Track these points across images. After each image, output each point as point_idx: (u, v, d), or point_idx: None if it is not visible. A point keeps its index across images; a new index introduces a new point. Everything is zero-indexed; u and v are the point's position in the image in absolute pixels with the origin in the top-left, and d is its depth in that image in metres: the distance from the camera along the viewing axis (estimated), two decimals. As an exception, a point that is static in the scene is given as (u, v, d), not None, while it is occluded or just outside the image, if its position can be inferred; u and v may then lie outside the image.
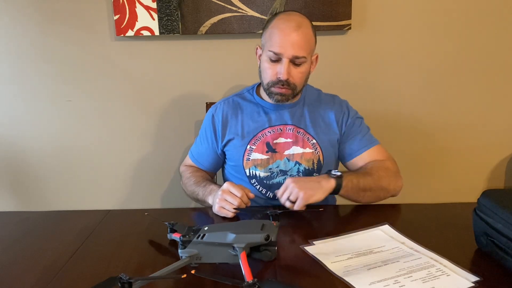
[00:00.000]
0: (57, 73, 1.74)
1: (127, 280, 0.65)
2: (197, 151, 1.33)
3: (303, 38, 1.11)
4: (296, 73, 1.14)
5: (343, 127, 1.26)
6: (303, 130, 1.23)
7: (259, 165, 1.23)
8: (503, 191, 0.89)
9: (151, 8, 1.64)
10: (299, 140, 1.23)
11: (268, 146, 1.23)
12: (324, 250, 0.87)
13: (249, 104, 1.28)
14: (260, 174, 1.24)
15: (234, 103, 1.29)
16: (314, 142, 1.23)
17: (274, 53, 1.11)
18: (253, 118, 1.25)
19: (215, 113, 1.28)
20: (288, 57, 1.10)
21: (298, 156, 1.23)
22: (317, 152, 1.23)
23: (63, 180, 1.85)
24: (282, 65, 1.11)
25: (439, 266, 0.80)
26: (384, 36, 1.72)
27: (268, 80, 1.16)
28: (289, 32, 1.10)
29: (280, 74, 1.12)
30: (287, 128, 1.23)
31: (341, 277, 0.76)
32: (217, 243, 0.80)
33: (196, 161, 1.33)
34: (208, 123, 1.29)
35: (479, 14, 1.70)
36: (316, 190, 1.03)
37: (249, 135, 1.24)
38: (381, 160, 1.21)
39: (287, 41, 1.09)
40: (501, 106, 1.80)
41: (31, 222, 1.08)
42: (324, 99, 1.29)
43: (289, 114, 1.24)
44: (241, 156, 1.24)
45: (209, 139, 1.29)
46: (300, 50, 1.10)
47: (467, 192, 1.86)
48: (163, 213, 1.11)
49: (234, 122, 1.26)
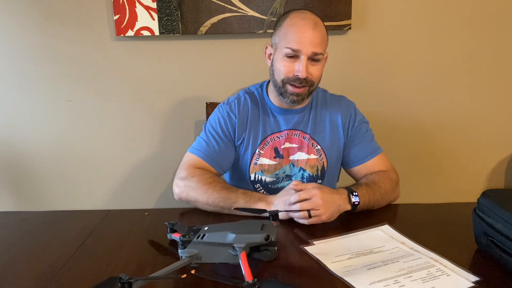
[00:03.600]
0: (57, 73, 1.74)
1: (127, 280, 0.65)
2: (211, 151, 1.19)
3: (320, 35, 1.10)
4: (314, 71, 1.12)
5: (349, 131, 1.23)
6: (309, 136, 1.22)
7: (266, 170, 1.21)
8: (503, 191, 0.89)
9: (151, 8, 1.64)
10: (304, 146, 1.21)
11: (276, 152, 1.21)
12: (324, 250, 0.87)
13: (260, 105, 1.24)
14: (266, 179, 1.22)
15: (245, 102, 1.23)
16: (319, 148, 1.22)
17: (292, 49, 1.09)
18: (263, 121, 1.22)
19: (230, 111, 1.22)
20: (307, 54, 1.08)
21: (302, 162, 1.22)
22: (321, 159, 1.22)
23: (63, 180, 1.84)
24: (301, 63, 1.09)
25: (439, 266, 0.80)
26: (384, 36, 1.72)
27: (284, 76, 1.12)
28: (307, 29, 1.08)
29: (299, 72, 1.09)
30: (294, 133, 1.22)
31: (341, 277, 0.76)
32: (217, 243, 0.80)
33: (214, 162, 1.18)
34: (224, 120, 1.21)
35: (480, 14, 1.70)
36: (334, 215, 1.01)
37: (258, 139, 1.21)
38: (385, 171, 1.20)
39: (306, 38, 1.08)
40: (501, 106, 1.80)
41: (31, 222, 1.08)
42: (331, 101, 1.26)
43: (297, 118, 1.22)
44: (248, 160, 1.21)
45: (228, 137, 1.21)
46: (318, 47, 1.09)
47: (467, 192, 1.86)
48: (163, 213, 1.11)
49: (245, 124, 1.21)
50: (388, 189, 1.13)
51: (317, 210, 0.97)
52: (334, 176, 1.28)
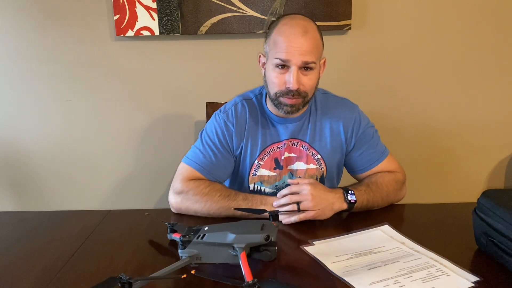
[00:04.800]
0: (57, 73, 1.74)
1: (127, 280, 0.65)
2: (208, 163, 1.14)
3: (311, 43, 1.03)
4: (307, 81, 1.05)
5: (354, 138, 1.19)
6: (308, 145, 1.17)
7: (266, 181, 1.19)
8: (503, 191, 0.89)
9: (151, 8, 1.64)
10: (303, 155, 1.17)
11: (276, 163, 1.17)
12: (324, 250, 0.87)
13: (258, 113, 1.18)
14: (266, 190, 1.20)
15: (243, 110, 1.17)
16: (318, 158, 1.18)
17: (281, 60, 1.03)
18: (262, 130, 1.17)
19: (228, 120, 1.16)
20: (296, 64, 1.02)
21: (301, 172, 1.18)
22: (321, 168, 1.19)
23: (63, 180, 1.85)
24: (291, 74, 1.03)
25: (439, 266, 0.80)
26: (384, 36, 1.72)
27: (276, 90, 1.07)
28: (295, 38, 1.02)
29: (289, 84, 1.03)
30: (293, 142, 1.17)
31: (341, 277, 0.76)
32: (217, 243, 0.80)
33: (210, 174, 1.13)
34: (222, 130, 1.16)
35: (480, 14, 1.70)
36: (326, 212, 1.01)
37: (257, 149, 1.16)
38: (392, 172, 1.18)
39: (294, 48, 1.01)
40: (502, 106, 1.80)
41: (31, 222, 1.08)
42: (332, 106, 1.20)
43: (296, 127, 1.16)
44: (246, 170, 1.18)
45: (226, 147, 1.16)
46: (309, 56, 1.02)
47: (467, 192, 1.86)
48: (163, 213, 1.11)
49: (243, 132, 1.16)
50: (391, 190, 1.12)
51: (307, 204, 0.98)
52: (333, 181, 1.25)
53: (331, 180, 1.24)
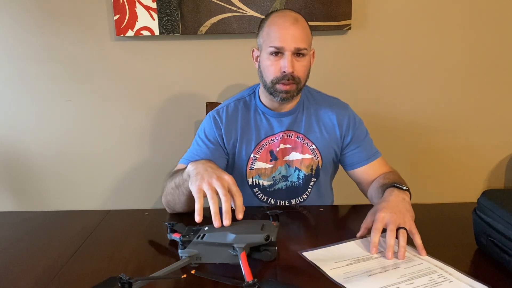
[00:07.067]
0: (57, 73, 1.74)
1: (127, 280, 0.65)
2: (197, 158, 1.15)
3: (302, 30, 1.10)
4: (300, 66, 1.11)
5: (350, 132, 1.21)
6: (302, 136, 1.21)
7: (263, 174, 1.21)
8: (503, 191, 0.89)
9: (151, 8, 1.64)
10: (298, 146, 1.20)
11: (271, 155, 1.20)
12: (323, 256, 0.85)
13: (251, 110, 1.23)
14: (264, 183, 1.22)
15: (235, 109, 1.22)
16: (314, 148, 1.21)
17: (275, 47, 1.09)
18: (256, 125, 1.21)
19: (217, 116, 1.21)
20: (290, 50, 1.09)
21: (297, 162, 1.21)
22: (316, 158, 1.21)
23: (63, 180, 1.85)
24: (285, 59, 1.09)
25: (441, 272, 0.78)
26: (384, 36, 1.72)
27: (272, 77, 1.12)
28: (288, 26, 1.09)
29: (284, 68, 1.10)
30: (288, 134, 1.20)
31: (341, 284, 0.74)
32: (217, 243, 0.80)
33: None
34: (210, 126, 1.20)
35: (480, 14, 1.70)
36: (410, 214, 0.93)
37: (252, 144, 1.20)
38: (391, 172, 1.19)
39: (288, 35, 1.08)
40: (501, 106, 1.80)
41: (31, 222, 1.08)
42: (324, 101, 1.25)
43: (290, 120, 1.20)
44: (244, 165, 1.21)
45: (215, 143, 1.19)
46: (301, 42, 1.09)
47: (467, 192, 1.86)
48: (163, 213, 1.10)
49: (236, 129, 1.20)
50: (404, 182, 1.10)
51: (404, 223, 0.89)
52: (328, 173, 1.27)
53: (327, 173, 1.26)
